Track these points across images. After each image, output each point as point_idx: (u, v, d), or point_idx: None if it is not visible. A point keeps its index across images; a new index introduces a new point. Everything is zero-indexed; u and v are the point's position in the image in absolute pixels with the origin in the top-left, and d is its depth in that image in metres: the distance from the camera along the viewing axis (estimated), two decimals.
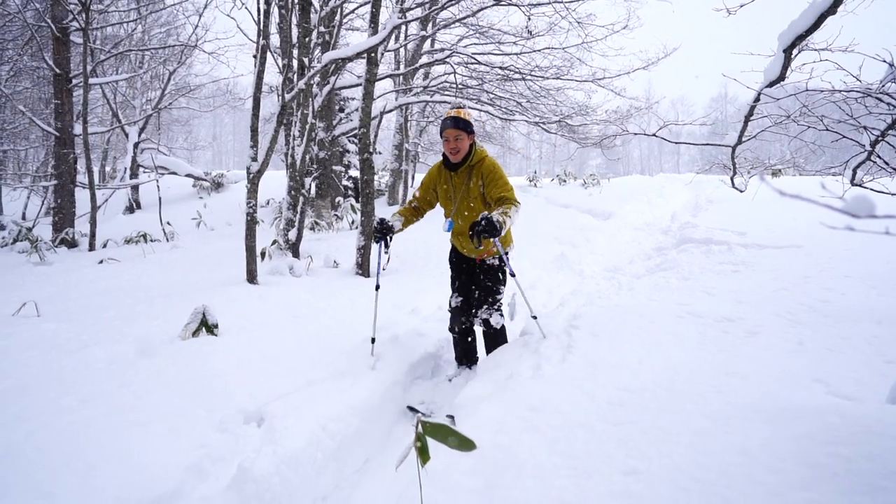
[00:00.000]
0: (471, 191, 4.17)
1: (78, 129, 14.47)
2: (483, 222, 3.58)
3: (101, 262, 10.31)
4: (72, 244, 13.50)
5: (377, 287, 4.43)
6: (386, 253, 4.30)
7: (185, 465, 2.69)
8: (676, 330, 4.18)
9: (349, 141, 18.43)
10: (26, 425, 3.04)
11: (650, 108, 14.72)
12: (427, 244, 9.96)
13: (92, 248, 12.93)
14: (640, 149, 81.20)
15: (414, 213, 4.49)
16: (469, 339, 4.64)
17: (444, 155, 4.26)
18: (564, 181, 22.22)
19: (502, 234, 3.66)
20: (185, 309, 5.16)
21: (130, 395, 3.49)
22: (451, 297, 4.62)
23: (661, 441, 2.56)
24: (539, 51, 14.28)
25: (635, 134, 7.16)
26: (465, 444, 2.61)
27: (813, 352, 3.59)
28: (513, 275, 4.25)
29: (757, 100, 4.11)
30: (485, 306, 4.41)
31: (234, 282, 7.17)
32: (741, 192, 5.97)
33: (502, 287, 4.45)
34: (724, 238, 8.17)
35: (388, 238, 4.19)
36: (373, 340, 4.37)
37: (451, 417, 3.45)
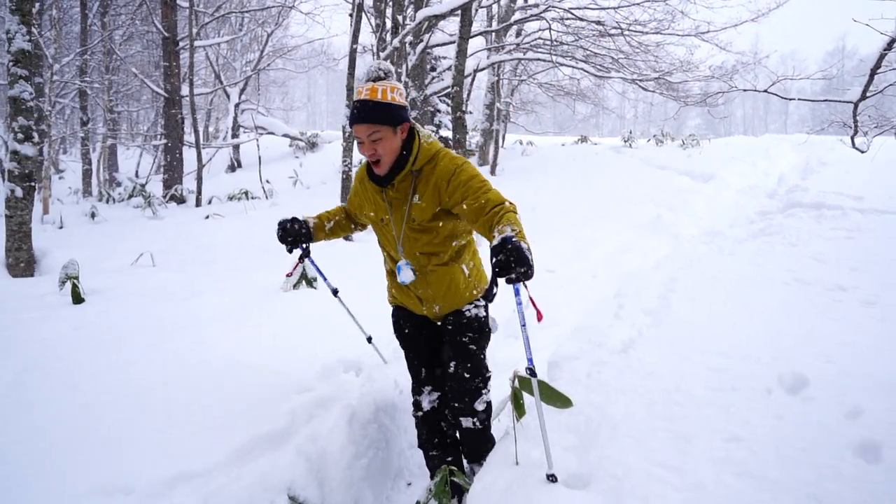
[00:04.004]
0: (418, 210, 2.49)
1: (185, 90, 15.22)
2: (507, 254, 1.92)
3: (206, 217, 10.93)
4: (180, 200, 14.36)
5: (334, 292, 3.35)
6: (300, 263, 3.15)
7: (292, 407, 2.85)
8: (782, 297, 3.97)
9: (440, 101, 18.40)
10: (146, 366, 3.30)
11: (758, 64, 13.76)
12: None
13: (198, 204, 13.71)
14: (743, 108, 76.40)
15: (344, 215, 2.99)
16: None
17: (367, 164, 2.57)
18: (661, 142, 21.29)
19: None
20: (286, 263, 5.38)
21: (235, 341, 3.72)
22: (414, 386, 2.90)
23: (766, 409, 2.46)
24: (638, 3, 13.59)
25: (744, 90, 6.73)
26: (564, 403, 2.63)
27: None
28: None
29: (889, 47, 3.75)
30: (468, 397, 2.70)
31: None
32: (862, 152, 5.51)
33: (487, 345, 2.81)
34: (838, 202, 7.62)
35: (303, 247, 2.94)
36: (369, 339, 3.41)
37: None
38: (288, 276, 3.13)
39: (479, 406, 2.71)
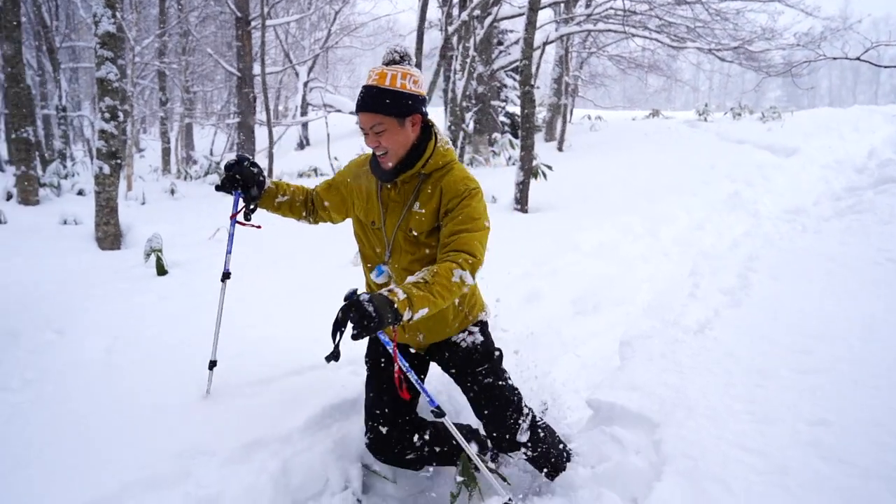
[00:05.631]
0: (417, 220, 2.18)
1: (256, 69, 15.58)
2: (359, 304, 1.78)
3: None
4: None
5: (225, 276, 2.72)
6: (246, 215, 2.50)
7: (363, 378, 2.90)
8: (874, 277, 3.75)
9: (507, 75, 18.16)
10: (223, 338, 3.43)
11: (848, 29, 12.88)
12: (579, 180, 9.69)
13: None
14: (829, 78, 71.96)
15: (304, 198, 2.55)
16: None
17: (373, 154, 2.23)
18: (739, 115, 20.37)
19: (399, 322, 1.82)
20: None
21: (306, 314, 3.80)
22: (367, 420, 2.45)
23: (855, 393, 2.34)
24: None
25: (833, 59, 6.33)
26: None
27: None
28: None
29: None
30: (508, 434, 2.37)
31: None
32: None
33: (502, 365, 2.45)
34: None
35: (249, 191, 2.42)
36: (212, 365, 2.64)
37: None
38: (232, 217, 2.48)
39: (523, 437, 2.37)
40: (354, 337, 1.78)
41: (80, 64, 22.37)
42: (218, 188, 2.43)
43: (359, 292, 1.83)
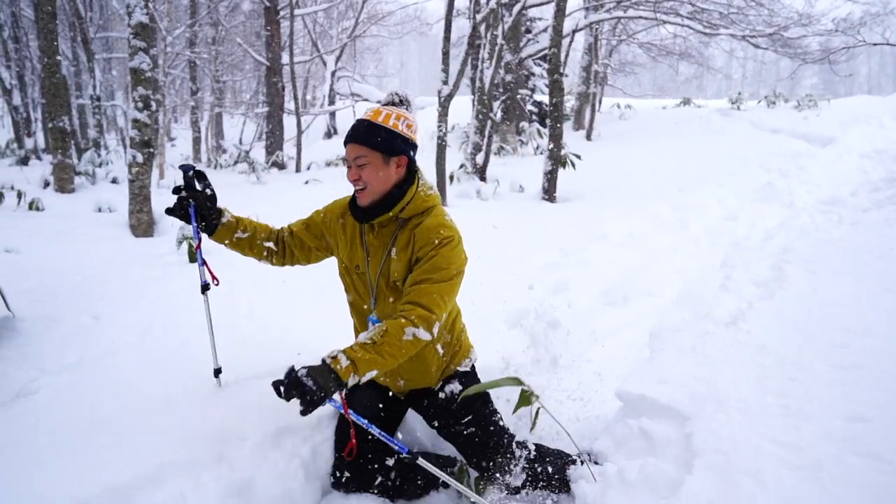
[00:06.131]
0: (395, 266, 2.12)
1: (285, 58, 15.69)
2: (297, 382, 1.77)
3: (306, 182, 11.31)
4: (281, 166, 14.95)
5: (204, 288, 2.44)
6: (196, 232, 2.29)
7: None
8: None
9: (535, 64, 18.01)
10: (250, 323, 3.48)
11: (890, 14, 12.48)
12: (608, 170, 9.58)
13: (298, 169, 14.22)
14: (868, 65, 69.87)
15: (268, 238, 2.39)
16: None
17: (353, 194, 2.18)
18: (773, 103, 19.92)
19: (344, 388, 1.82)
20: None
21: (333, 300, 3.84)
22: (336, 464, 2.34)
23: (894, 389, 2.29)
24: None
25: (873, 45, 6.14)
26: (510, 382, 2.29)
27: None
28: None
29: None
30: (500, 474, 2.29)
31: None
32: None
33: (487, 408, 2.35)
34: None
35: (200, 203, 2.24)
36: (217, 373, 2.54)
37: None
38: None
39: (517, 482, 2.28)
40: (303, 413, 1.76)
41: (113, 54, 22.74)
42: (169, 212, 2.24)
43: (296, 368, 1.80)
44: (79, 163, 11.58)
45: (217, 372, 2.52)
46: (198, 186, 2.26)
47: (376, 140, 2.03)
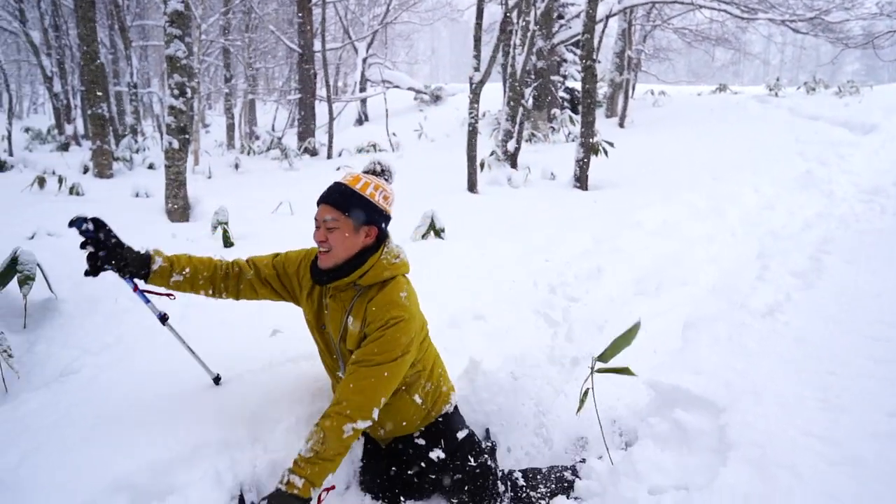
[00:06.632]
0: (350, 337, 2.08)
1: (317, 45, 15.74)
2: None
3: (338, 169, 11.37)
4: (313, 152, 15.05)
5: (163, 319, 2.34)
6: (129, 280, 2.17)
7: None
8: None
9: (567, 50, 17.79)
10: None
11: None
12: (641, 157, 9.44)
13: (329, 156, 14.31)
14: None
15: (212, 274, 2.24)
16: None
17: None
18: (813, 89, 19.38)
19: (310, 500, 1.81)
20: (414, 213, 5.50)
21: None
22: None
23: None
24: None
25: None
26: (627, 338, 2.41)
27: None
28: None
29: None
30: None
31: (455, 190, 7.48)
32: None
33: (478, 456, 2.29)
34: None
35: (112, 254, 2.09)
36: (217, 380, 2.45)
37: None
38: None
39: None
40: None
41: (149, 42, 23.11)
42: (87, 274, 2.06)
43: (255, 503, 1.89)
44: (117, 149, 11.83)
45: (217, 380, 2.46)
46: (101, 236, 2.10)
47: (350, 207, 1.99)
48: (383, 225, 2.09)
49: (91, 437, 1.98)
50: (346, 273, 2.02)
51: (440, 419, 2.29)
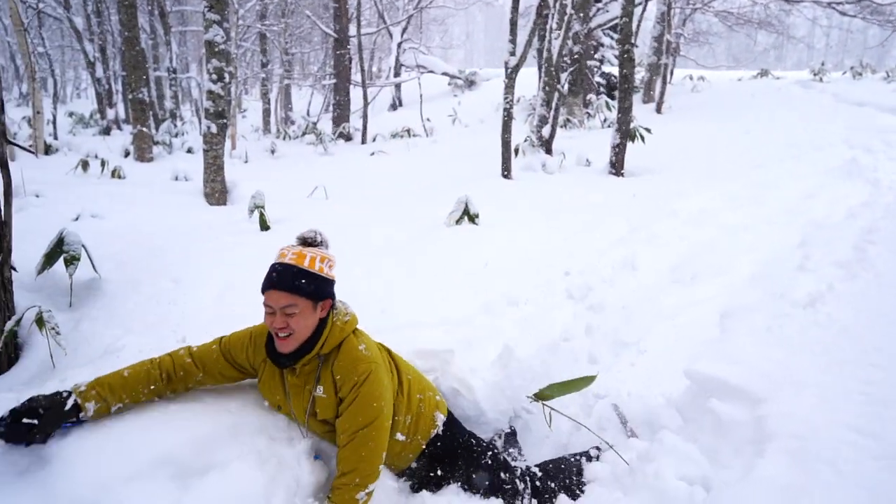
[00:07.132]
0: (322, 405, 2.07)
1: (352, 30, 15.77)
2: None
3: (372, 154, 11.43)
4: (347, 138, 15.14)
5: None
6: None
7: (457, 338, 2.96)
8: None
9: (604, 34, 17.48)
10: None
11: None
12: (678, 144, 9.25)
13: (364, 141, 14.37)
14: None
15: (155, 386, 2.06)
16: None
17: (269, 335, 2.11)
18: (860, 74, 18.72)
19: None
20: (448, 198, 5.50)
21: (404, 272, 3.90)
22: None
23: None
24: None
25: None
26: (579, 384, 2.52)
27: None
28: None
29: None
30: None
31: (489, 175, 7.45)
32: None
33: (486, 464, 2.34)
34: None
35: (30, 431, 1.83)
36: None
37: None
38: None
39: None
40: None
41: (188, 27, 23.41)
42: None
43: None
44: (156, 133, 12.06)
45: None
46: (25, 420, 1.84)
47: (307, 288, 1.96)
48: (333, 293, 2.09)
49: (134, 413, 2.04)
50: (308, 350, 2.02)
51: (425, 451, 2.28)
